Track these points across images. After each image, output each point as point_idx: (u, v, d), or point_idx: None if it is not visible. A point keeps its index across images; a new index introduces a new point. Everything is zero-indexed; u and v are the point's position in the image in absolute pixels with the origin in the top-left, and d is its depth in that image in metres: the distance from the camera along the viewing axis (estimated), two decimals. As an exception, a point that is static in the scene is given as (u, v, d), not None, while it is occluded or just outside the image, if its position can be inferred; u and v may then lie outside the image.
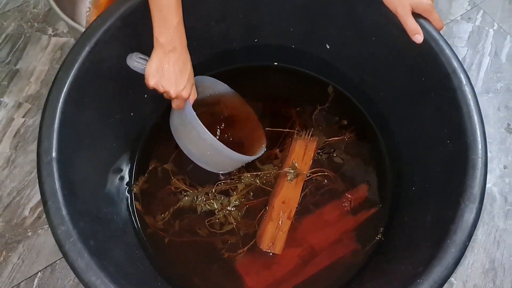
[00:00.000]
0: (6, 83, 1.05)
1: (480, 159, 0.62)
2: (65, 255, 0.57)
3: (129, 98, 0.82)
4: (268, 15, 0.85)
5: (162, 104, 0.88)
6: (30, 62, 1.07)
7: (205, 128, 0.72)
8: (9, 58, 1.08)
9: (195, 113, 0.72)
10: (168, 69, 0.66)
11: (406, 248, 0.71)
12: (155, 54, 0.66)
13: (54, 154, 0.62)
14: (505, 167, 0.99)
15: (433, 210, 0.67)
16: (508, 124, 1.03)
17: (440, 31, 0.71)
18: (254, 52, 0.95)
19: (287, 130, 0.90)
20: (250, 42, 0.92)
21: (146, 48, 0.68)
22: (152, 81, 0.66)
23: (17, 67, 1.07)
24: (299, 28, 0.87)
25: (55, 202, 0.59)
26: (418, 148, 0.79)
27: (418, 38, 0.69)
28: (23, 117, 1.01)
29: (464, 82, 0.67)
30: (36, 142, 0.96)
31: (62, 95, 0.65)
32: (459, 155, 0.64)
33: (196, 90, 0.76)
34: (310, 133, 0.90)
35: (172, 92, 0.67)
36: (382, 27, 0.75)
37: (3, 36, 1.10)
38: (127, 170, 0.85)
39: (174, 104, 0.71)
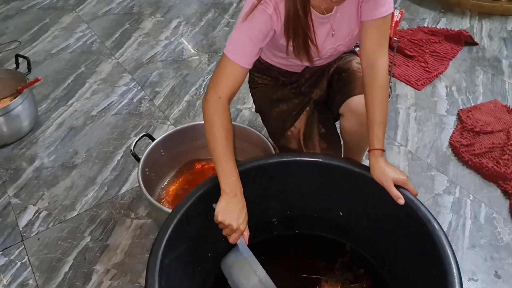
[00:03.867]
0: (99, 255, 1.37)
1: (456, 279, 0.88)
2: None
3: (197, 260, 1.13)
4: (296, 194, 1.21)
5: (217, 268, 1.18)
6: (117, 239, 1.41)
7: (257, 260, 0.98)
8: (102, 236, 1.42)
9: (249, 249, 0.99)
10: (231, 209, 0.98)
11: None
12: (222, 199, 0.99)
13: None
14: (500, 306, 1.19)
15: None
16: (496, 271, 1.27)
17: (419, 197, 1.04)
18: (286, 222, 1.27)
19: (318, 277, 1.17)
20: (284, 214, 1.25)
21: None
22: (220, 217, 0.97)
23: (107, 242, 1.40)
24: (319, 201, 1.22)
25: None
26: (415, 280, 1.04)
27: (401, 201, 1.01)
28: (110, 280, 1.30)
29: (437, 227, 0.97)
30: (120, 299, 1.23)
31: (161, 249, 0.96)
32: (442, 279, 0.90)
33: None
34: (335, 280, 1.16)
35: (234, 225, 0.96)
36: (377, 196, 1.07)
37: (98, 220, 1.48)
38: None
39: (231, 239, 0.99)
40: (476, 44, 2.22)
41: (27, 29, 2.61)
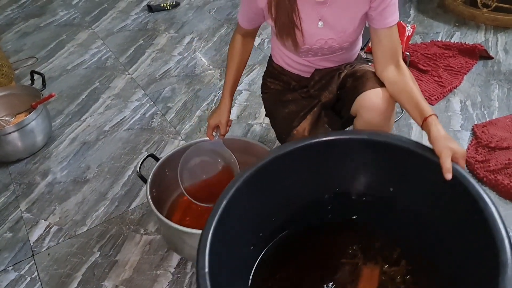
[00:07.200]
0: (107, 270, 1.37)
1: (509, 259, 0.83)
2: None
3: (246, 240, 1.12)
4: (344, 172, 1.16)
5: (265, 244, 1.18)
6: (126, 255, 1.41)
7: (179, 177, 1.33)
8: (111, 252, 1.42)
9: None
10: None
11: None
12: None
13: (206, 270, 0.89)
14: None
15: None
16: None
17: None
18: (336, 203, 1.21)
19: (357, 261, 1.16)
20: (333, 190, 1.19)
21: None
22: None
23: (116, 258, 1.40)
24: (367, 179, 1.16)
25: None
26: (464, 260, 1.00)
27: (449, 176, 0.94)
28: (118, 296, 1.30)
29: (489, 204, 0.91)
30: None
31: (209, 235, 0.95)
32: (494, 259, 0.84)
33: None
34: (374, 263, 1.15)
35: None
36: (425, 172, 1.03)
37: (108, 236, 1.48)
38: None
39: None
40: (491, 58, 2.19)
41: (44, 45, 2.67)
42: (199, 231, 1.19)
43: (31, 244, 1.48)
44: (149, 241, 1.45)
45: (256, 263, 1.16)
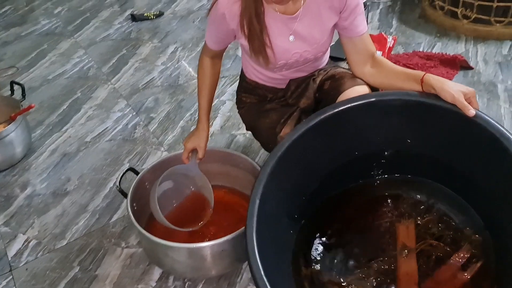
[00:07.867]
0: (87, 285, 1.34)
1: None
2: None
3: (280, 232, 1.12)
4: (367, 131, 1.17)
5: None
6: (106, 269, 1.38)
7: (156, 203, 1.25)
8: (91, 266, 1.39)
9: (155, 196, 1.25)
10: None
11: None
12: None
13: (262, 272, 0.91)
14: None
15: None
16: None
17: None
18: (358, 166, 1.22)
19: (390, 220, 1.18)
20: (353, 155, 1.20)
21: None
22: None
23: (96, 273, 1.37)
24: (383, 137, 1.18)
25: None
26: (496, 202, 1.01)
27: (471, 112, 0.98)
28: (98, 312, 1.27)
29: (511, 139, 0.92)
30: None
31: (254, 237, 0.96)
32: None
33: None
34: (407, 217, 1.16)
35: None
36: (439, 119, 1.07)
37: (88, 249, 1.45)
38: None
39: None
40: (471, 68, 2.22)
41: (25, 55, 2.63)
42: (181, 245, 1.19)
43: (9, 258, 1.44)
44: (130, 255, 1.42)
45: (295, 243, 1.16)
